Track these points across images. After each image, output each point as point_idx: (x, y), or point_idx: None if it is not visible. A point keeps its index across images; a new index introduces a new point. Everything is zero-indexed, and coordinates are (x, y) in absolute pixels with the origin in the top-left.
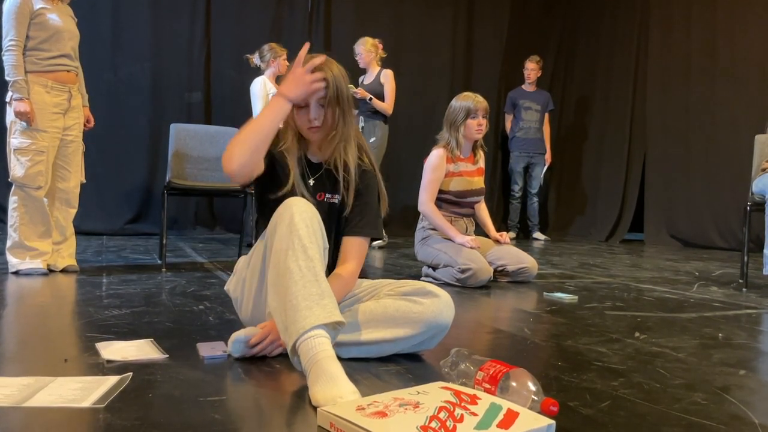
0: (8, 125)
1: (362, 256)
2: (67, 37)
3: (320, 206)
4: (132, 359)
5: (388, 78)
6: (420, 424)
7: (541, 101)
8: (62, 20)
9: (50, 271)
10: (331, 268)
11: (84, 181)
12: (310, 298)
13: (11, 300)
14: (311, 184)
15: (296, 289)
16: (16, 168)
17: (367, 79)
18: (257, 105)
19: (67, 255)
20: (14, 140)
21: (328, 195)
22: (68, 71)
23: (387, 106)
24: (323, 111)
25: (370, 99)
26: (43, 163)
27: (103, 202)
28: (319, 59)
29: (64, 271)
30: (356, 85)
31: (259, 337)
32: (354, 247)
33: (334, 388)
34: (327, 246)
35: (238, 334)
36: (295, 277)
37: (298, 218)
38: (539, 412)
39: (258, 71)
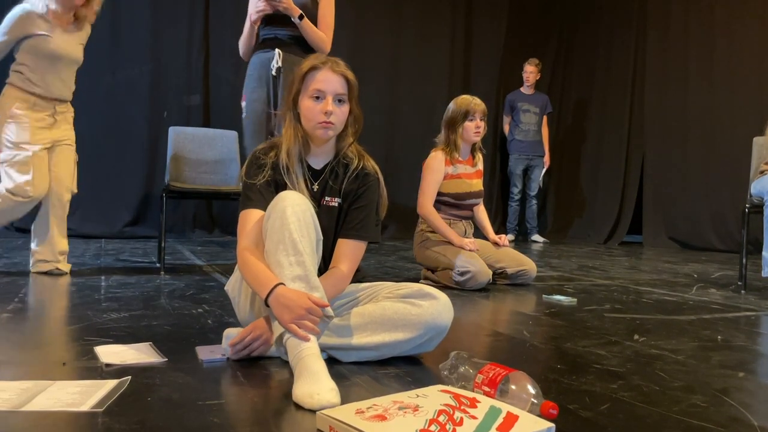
0: None
1: (356, 259)
2: (62, 65)
3: (326, 211)
4: (130, 363)
5: None
6: (419, 428)
7: (539, 104)
8: (63, 48)
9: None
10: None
11: (75, 191)
12: None
13: (9, 303)
14: (315, 190)
15: (286, 284)
16: (6, 180)
17: None
18: None
19: (58, 258)
20: (1, 154)
21: (327, 198)
22: (51, 98)
23: (325, 37)
24: (339, 107)
25: (301, 17)
26: (30, 173)
27: (101, 205)
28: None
29: (48, 273)
30: None
31: (238, 338)
32: (348, 249)
33: (313, 385)
34: (321, 238)
35: (229, 332)
36: (285, 271)
37: (290, 211)
38: (539, 415)
39: None
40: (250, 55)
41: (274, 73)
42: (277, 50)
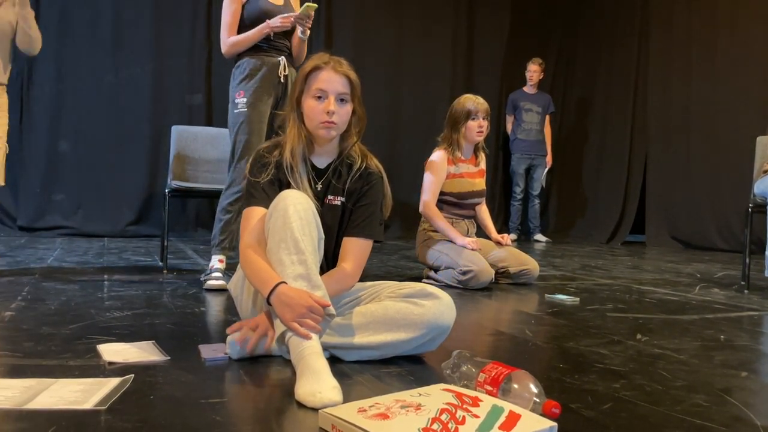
0: None
1: (362, 257)
2: None
3: (329, 210)
4: (133, 361)
5: None
6: (421, 426)
7: (541, 103)
8: None
9: None
10: (332, 267)
11: (2, 184)
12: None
13: (12, 302)
14: (318, 189)
15: (288, 282)
16: None
17: None
18: None
19: None
20: None
21: (330, 197)
22: None
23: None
24: (341, 107)
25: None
26: None
27: (104, 204)
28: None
29: None
30: None
31: (242, 336)
32: (354, 247)
33: (315, 383)
34: (323, 236)
35: (232, 337)
36: (287, 270)
37: (292, 210)
38: (541, 414)
39: None
40: (238, 55)
41: (282, 80)
42: (283, 58)
